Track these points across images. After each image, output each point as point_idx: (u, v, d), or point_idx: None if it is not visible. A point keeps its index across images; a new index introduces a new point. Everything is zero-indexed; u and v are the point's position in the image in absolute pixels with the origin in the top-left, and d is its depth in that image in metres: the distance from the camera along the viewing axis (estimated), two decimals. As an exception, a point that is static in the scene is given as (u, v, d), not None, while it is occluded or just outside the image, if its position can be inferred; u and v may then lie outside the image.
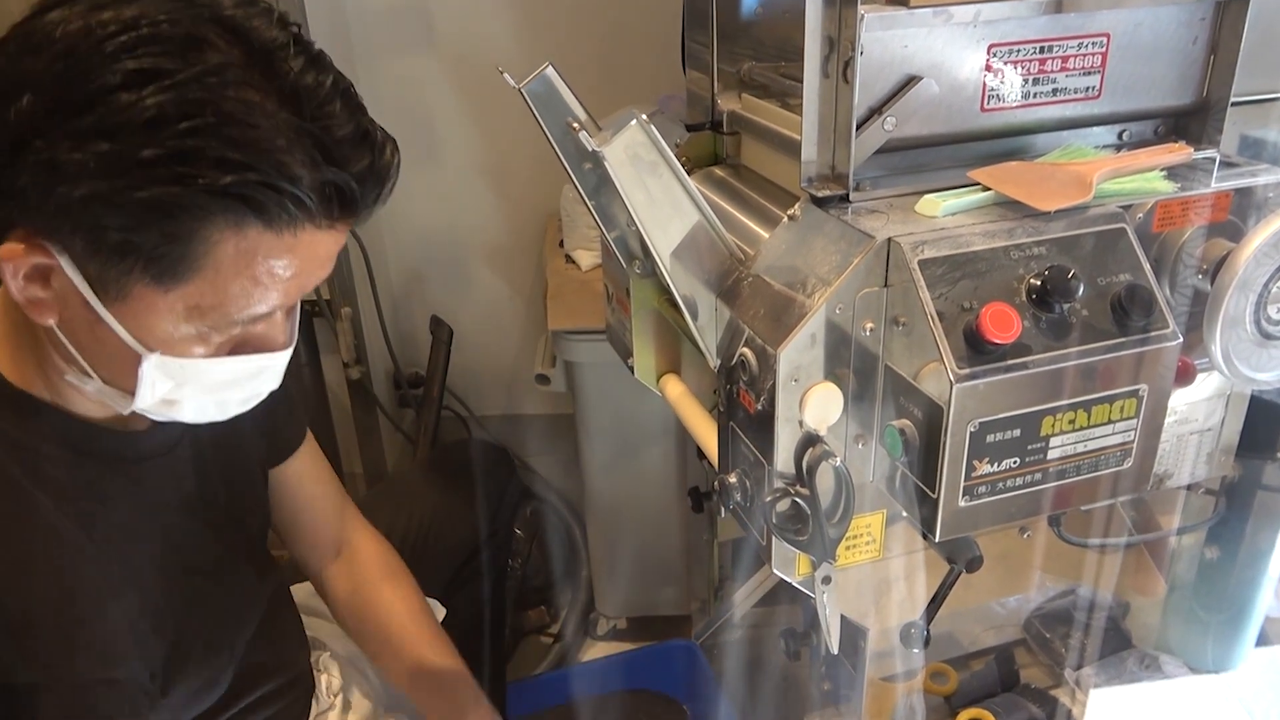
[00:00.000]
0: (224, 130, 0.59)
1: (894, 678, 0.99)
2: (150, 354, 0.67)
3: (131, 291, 0.64)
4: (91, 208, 0.60)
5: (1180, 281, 0.76)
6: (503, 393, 2.11)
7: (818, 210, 0.74)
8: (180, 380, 0.69)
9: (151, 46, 0.59)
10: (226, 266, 0.63)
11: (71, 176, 0.59)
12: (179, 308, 0.65)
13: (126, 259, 0.62)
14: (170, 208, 0.60)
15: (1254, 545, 0.97)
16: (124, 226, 0.60)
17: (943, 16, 0.70)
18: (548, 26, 1.76)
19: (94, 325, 0.66)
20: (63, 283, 0.64)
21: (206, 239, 0.62)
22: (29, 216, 0.62)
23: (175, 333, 0.67)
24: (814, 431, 0.70)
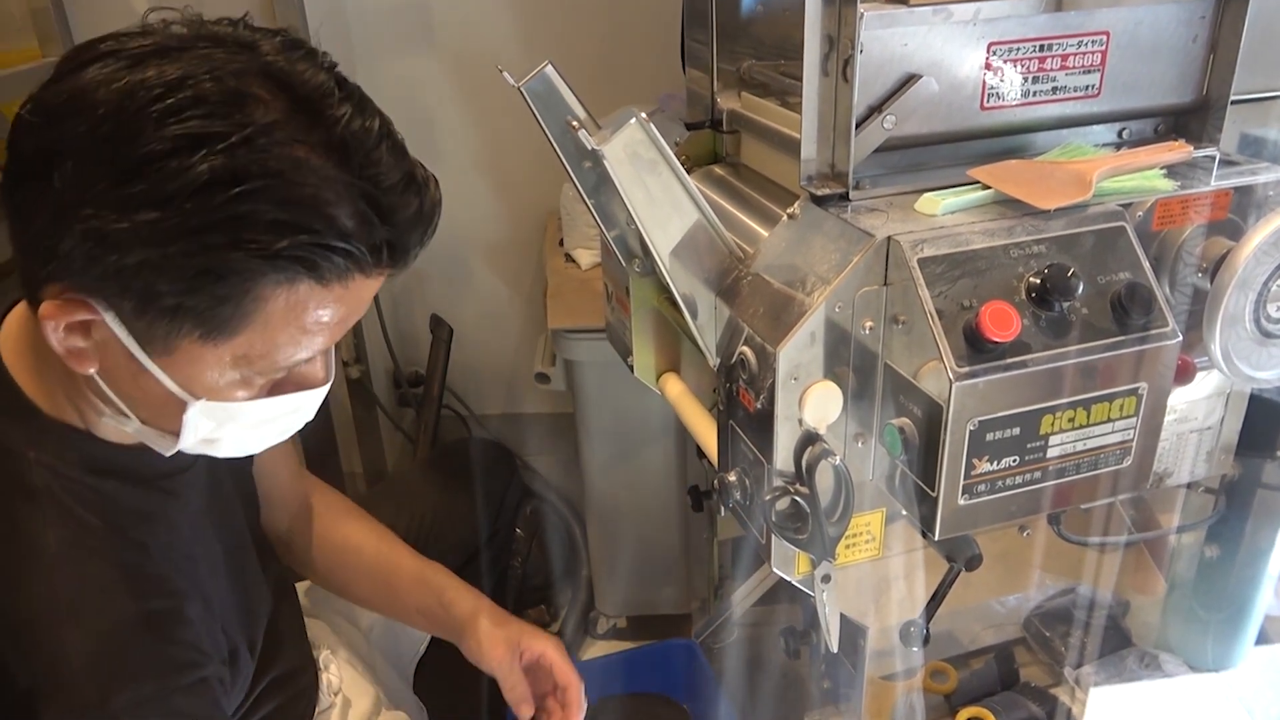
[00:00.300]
0: (275, 192, 0.58)
1: (894, 676, 0.99)
2: (195, 401, 0.67)
3: (179, 346, 0.64)
4: (142, 274, 0.59)
5: (1180, 280, 0.76)
6: (502, 392, 2.11)
7: (817, 209, 0.74)
8: (222, 421, 0.70)
9: (197, 109, 0.58)
10: (276, 320, 0.63)
11: (121, 245, 0.58)
12: (226, 358, 0.65)
13: (177, 319, 0.62)
14: (224, 271, 0.59)
15: (1254, 544, 0.97)
16: (176, 291, 0.60)
17: (942, 15, 0.70)
18: (547, 25, 1.76)
19: (137, 375, 0.66)
20: (104, 335, 0.64)
21: (259, 296, 0.61)
22: (72, 276, 0.61)
23: (220, 380, 0.67)
24: (813, 430, 0.70)
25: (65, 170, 0.58)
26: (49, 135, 0.59)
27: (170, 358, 0.64)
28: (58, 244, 0.59)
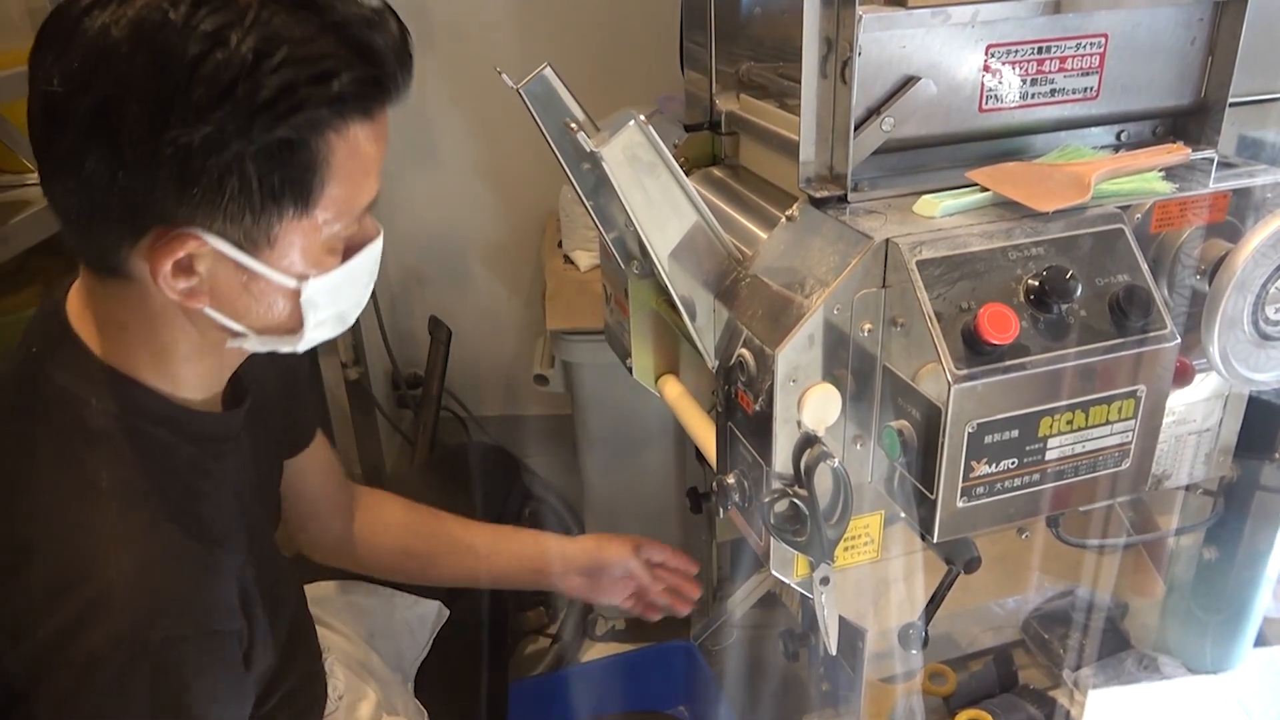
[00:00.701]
0: (299, 51, 0.63)
1: (892, 678, 0.99)
2: (306, 283, 0.72)
3: (277, 235, 0.68)
4: (234, 171, 0.63)
5: (1178, 282, 0.76)
6: (501, 393, 2.11)
7: (816, 211, 0.74)
8: (330, 293, 0.74)
9: (203, 8, 0.62)
10: (342, 168, 0.68)
11: (210, 150, 0.62)
12: (318, 223, 0.70)
13: (277, 203, 0.67)
14: (297, 135, 0.65)
15: (1252, 546, 0.97)
16: (267, 173, 0.65)
17: (941, 17, 0.70)
18: (546, 27, 1.76)
19: (247, 285, 0.71)
20: (210, 262, 0.68)
21: (327, 150, 0.67)
22: (167, 213, 0.65)
23: (316, 252, 0.71)
24: (812, 432, 0.70)
25: (130, 112, 0.61)
26: (95, 94, 0.62)
27: (272, 250, 0.69)
28: (150, 185, 0.63)
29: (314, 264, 0.72)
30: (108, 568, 0.69)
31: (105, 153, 0.63)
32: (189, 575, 0.73)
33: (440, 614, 1.23)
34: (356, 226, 0.74)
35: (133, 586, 0.69)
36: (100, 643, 0.67)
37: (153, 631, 0.68)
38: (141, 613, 0.68)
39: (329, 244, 0.72)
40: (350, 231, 0.74)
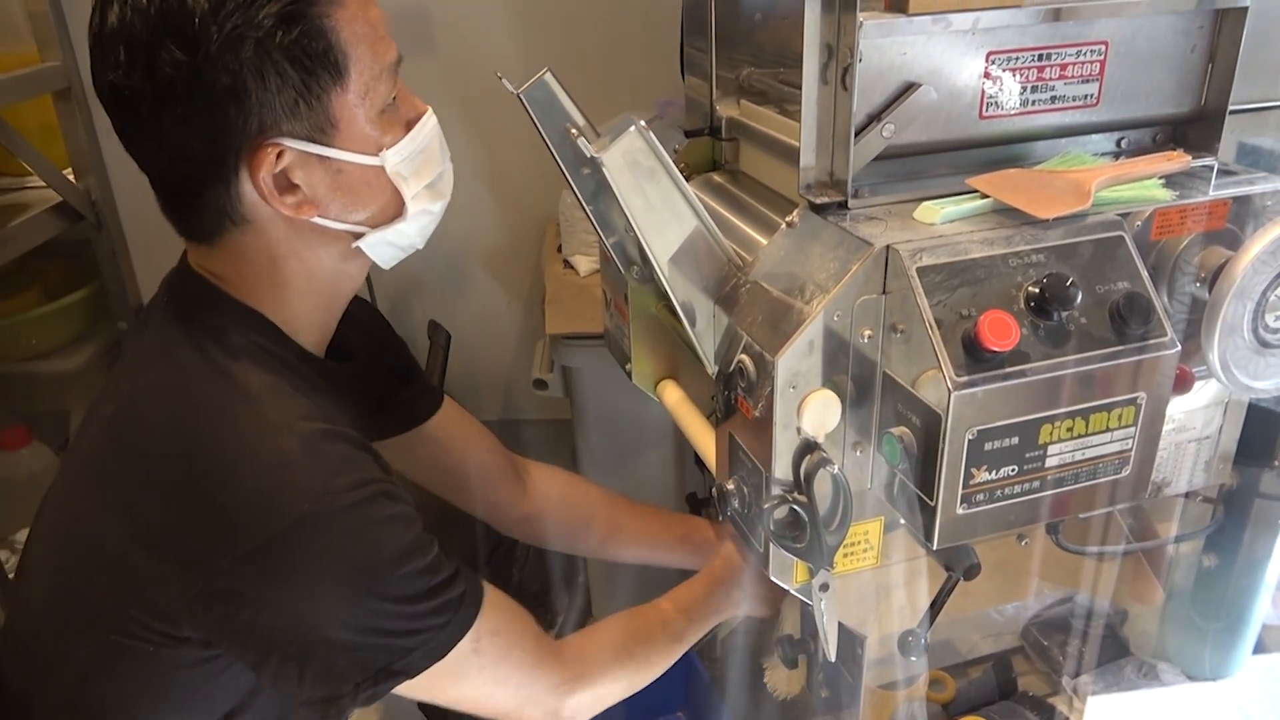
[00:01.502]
0: None
1: (892, 685, 0.99)
2: (385, 154, 0.80)
3: (333, 111, 0.76)
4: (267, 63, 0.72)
5: (1178, 289, 0.76)
6: (500, 398, 2.11)
7: (816, 217, 0.74)
8: (413, 161, 0.83)
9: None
10: (351, 34, 0.76)
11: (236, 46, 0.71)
12: (362, 91, 0.77)
13: (311, 83, 0.74)
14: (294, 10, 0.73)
15: (1251, 553, 0.97)
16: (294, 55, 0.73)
17: (941, 24, 0.70)
18: (546, 32, 1.76)
19: (339, 178, 0.79)
20: (298, 168, 0.77)
21: (330, 20, 0.75)
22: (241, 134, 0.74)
23: (376, 123, 0.79)
24: (812, 439, 0.70)
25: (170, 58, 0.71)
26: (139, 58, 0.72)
27: (341, 131, 0.77)
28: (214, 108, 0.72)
29: (385, 135, 0.80)
30: (278, 445, 0.74)
31: (171, 104, 0.72)
32: (345, 448, 0.78)
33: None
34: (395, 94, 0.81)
35: (304, 455, 0.74)
36: (293, 507, 0.72)
37: (335, 482, 0.73)
38: (322, 473, 0.74)
39: (386, 116, 0.80)
40: (392, 96, 0.81)
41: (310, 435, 0.76)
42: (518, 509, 1.21)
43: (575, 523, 1.24)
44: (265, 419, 0.76)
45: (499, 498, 1.20)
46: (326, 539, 0.73)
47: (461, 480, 1.17)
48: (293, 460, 0.74)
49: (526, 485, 1.22)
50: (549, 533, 1.23)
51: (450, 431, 1.15)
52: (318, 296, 0.85)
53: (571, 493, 1.25)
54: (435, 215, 0.89)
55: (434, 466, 1.15)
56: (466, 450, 1.17)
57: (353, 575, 0.74)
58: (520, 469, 1.23)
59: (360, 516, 0.74)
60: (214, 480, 0.74)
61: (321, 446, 0.76)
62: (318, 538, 0.73)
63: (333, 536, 0.73)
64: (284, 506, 0.72)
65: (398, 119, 0.82)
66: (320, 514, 0.72)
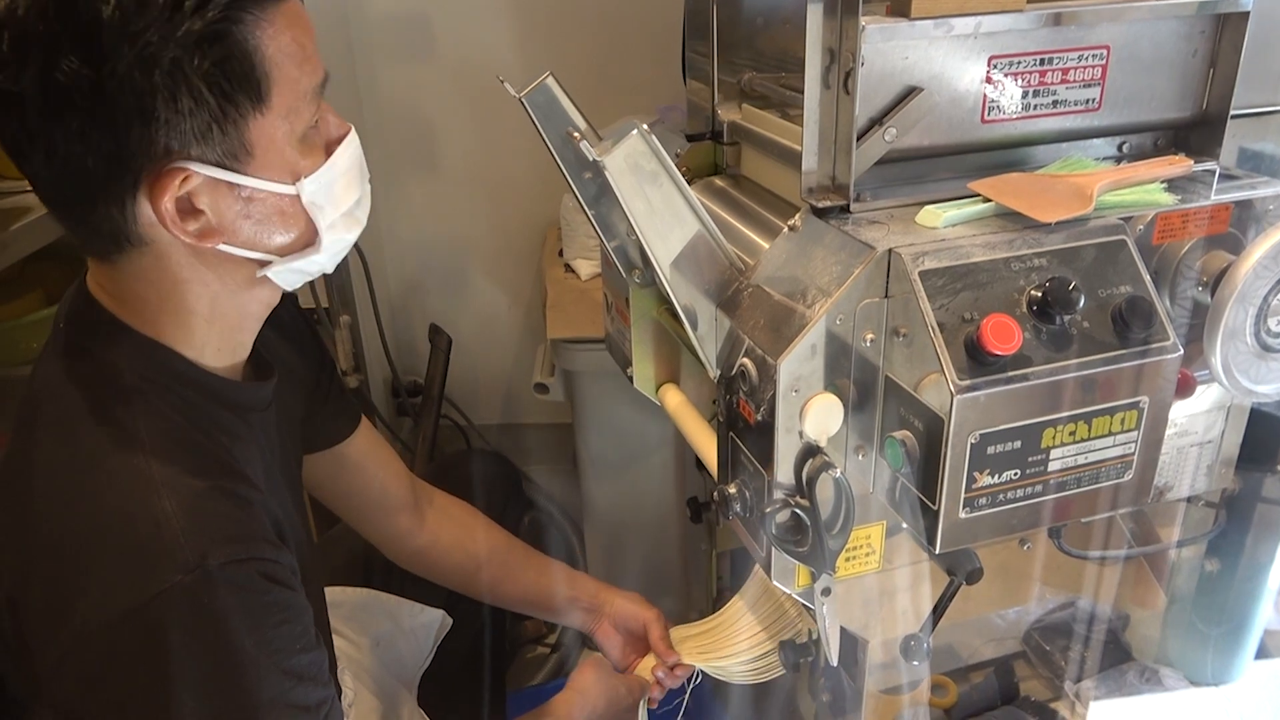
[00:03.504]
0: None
1: (894, 690, 0.98)
2: (301, 183, 0.74)
3: (249, 137, 0.70)
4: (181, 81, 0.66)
5: (1180, 293, 0.76)
6: (501, 402, 2.11)
7: (818, 221, 0.74)
8: (328, 188, 0.76)
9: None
10: (277, 55, 0.70)
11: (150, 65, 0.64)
12: (283, 115, 0.71)
13: (228, 108, 0.68)
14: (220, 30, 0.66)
15: (1254, 558, 0.97)
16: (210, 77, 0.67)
17: (944, 28, 0.70)
18: (548, 36, 1.76)
19: (249, 206, 0.72)
20: (204, 193, 0.70)
21: (254, 39, 0.68)
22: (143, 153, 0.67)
23: (295, 150, 0.73)
24: (814, 442, 0.70)
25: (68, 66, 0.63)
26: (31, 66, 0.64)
27: (254, 158, 0.71)
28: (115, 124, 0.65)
29: (302, 161, 0.74)
30: (156, 511, 0.69)
31: (67, 117, 0.65)
32: (231, 513, 0.73)
33: (444, 623, 1.23)
34: (318, 117, 0.76)
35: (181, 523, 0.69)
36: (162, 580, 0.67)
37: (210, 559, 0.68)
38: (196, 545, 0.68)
39: (305, 141, 0.74)
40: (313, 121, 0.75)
41: (195, 495, 0.70)
42: (412, 542, 1.16)
43: (465, 564, 1.19)
44: (147, 475, 0.70)
45: (395, 529, 1.15)
46: (194, 616, 0.67)
47: (361, 505, 1.12)
48: (169, 524, 0.68)
49: (425, 518, 1.17)
50: (439, 570, 1.19)
51: (362, 452, 1.10)
52: (225, 321, 0.78)
53: (465, 534, 1.20)
54: (349, 243, 0.81)
55: (337, 488, 1.10)
56: (372, 475, 1.11)
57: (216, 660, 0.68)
58: (423, 500, 1.18)
59: (234, 597, 0.69)
60: (84, 540, 0.69)
61: (206, 508, 0.71)
62: (187, 613, 0.67)
63: (201, 614, 0.67)
64: (156, 574, 0.66)
65: (318, 142, 0.76)
66: (192, 587, 0.67)
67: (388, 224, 1.92)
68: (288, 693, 0.71)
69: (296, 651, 0.72)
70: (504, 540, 1.22)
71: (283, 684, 0.71)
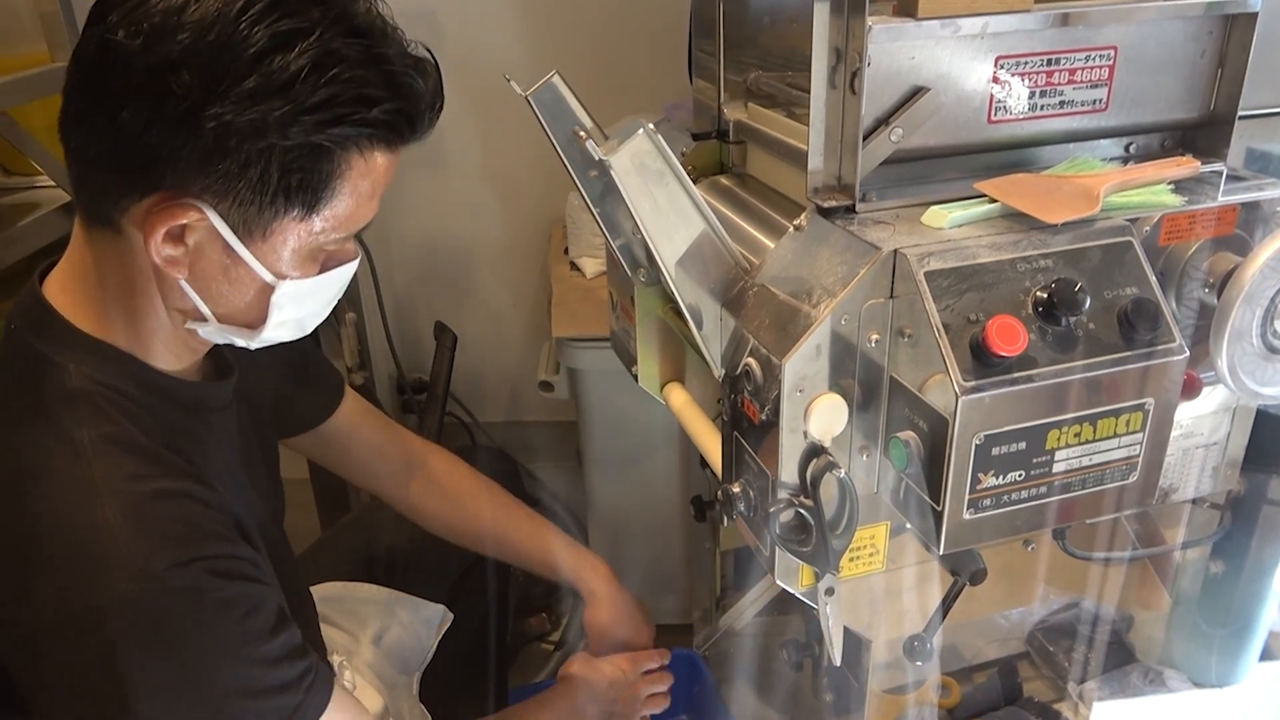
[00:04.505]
0: (354, 70, 0.68)
1: (897, 690, 0.98)
2: (281, 283, 0.75)
3: (275, 228, 0.72)
4: (260, 162, 0.67)
5: (1186, 295, 0.76)
6: (506, 399, 2.11)
7: (824, 221, 0.74)
8: (299, 300, 0.77)
9: (278, 11, 0.66)
10: (352, 185, 0.72)
11: (247, 135, 0.66)
12: (314, 229, 0.73)
13: (288, 201, 0.70)
14: (329, 147, 0.69)
15: (1259, 560, 0.97)
16: (288, 170, 0.69)
17: (950, 28, 0.70)
18: (554, 34, 1.76)
19: (228, 269, 0.73)
20: (200, 237, 0.71)
21: (349, 164, 0.71)
22: (183, 180, 0.68)
23: (301, 256, 0.74)
24: (818, 442, 0.70)
25: (182, 80, 0.65)
26: (152, 55, 0.65)
27: (265, 242, 0.72)
28: (179, 149, 0.66)
29: (295, 266, 0.75)
30: (99, 518, 0.69)
31: (146, 108, 0.66)
32: (180, 511, 0.72)
33: (445, 617, 1.23)
34: (342, 244, 0.77)
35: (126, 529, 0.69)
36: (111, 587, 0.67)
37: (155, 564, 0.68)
38: (142, 551, 0.68)
39: (315, 252, 0.75)
40: (337, 246, 0.77)
41: (138, 500, 0.70)
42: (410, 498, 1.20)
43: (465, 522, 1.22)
44: (88, 483, 0.69)
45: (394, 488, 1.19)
46: (145, 623, 0.67)
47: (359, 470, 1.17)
48: (111, 531, 0.68)
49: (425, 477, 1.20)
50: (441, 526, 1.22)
51: (351, 424, 1.13)
52: (169, 336, 0.78)
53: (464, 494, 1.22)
54: (282, 339, 0.81)
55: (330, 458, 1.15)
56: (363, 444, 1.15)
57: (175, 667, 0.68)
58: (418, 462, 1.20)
59: (184, 599, 0.68)
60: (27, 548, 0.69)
61: (151, 513, 0.70)
62: (136, 621, 0.66)
63: (152, 621, 0.67)
64: (99, 583, 0.66)
65: (319, 256, 0.77)
66: (140, 596, 0.66)
67: (393, 222, 1.93)
68: (261, 678, 0.72)
69: (266, 638, 0.73)
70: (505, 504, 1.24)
71: (253, 672, 0.72)
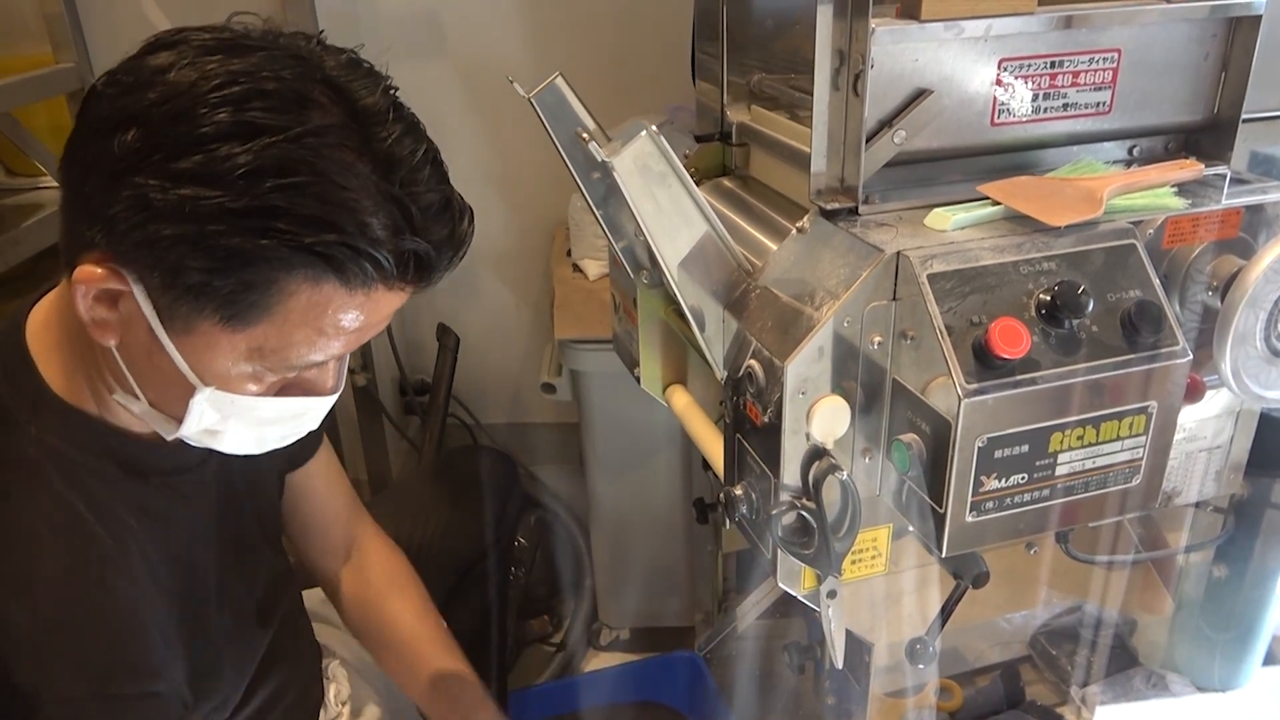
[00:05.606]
0: (316, 189, 0.61)
1: (899, 693, 0.98)
2: (204, 388, 0.68)
3: (198, 328, 0.65)
4: (177, 248, 0.61)
5: (1190, 298, 0.76)
6: (508, 401, 2.11)
7: (826, 223, 0.74)
8: (227, 414, 0.71)
9: (258, 102, 0.60)
10: (296, 316, 0.65)
11: (163, 215, 0.60)
12: (241, 348, 0.66)
13: (200, 299, 0.63)
14: (253, 257, 0.61)
15: (1262, 564, 0.97)
16: (205, 269, 0.62)
17: (954, 30, 0.70)
18: (558, 36, 1.76)
19: (153, 353, 0.67)
20: (130, 309, 0.66)
21: (283, 289, 0.63)
22: (112, 242, 0.63)
23: (232, 370, 0.68)
24: (821, 445, 0.70)
25: (125, 137, 0.61)
26: (118, 103, 0.62)
27: (189, 338, 0.66)
28: (106, 207, 0.62)
29: (223, 380, 0.68)
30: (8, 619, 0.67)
31: (96, 155, 0.62)
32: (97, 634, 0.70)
33: (444, 621, 1.23)
34: (294, 374, 0.71)
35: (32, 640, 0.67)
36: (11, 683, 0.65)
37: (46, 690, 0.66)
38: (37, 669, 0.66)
39: (253, 373, 0.69)
40: (285, 376, 0.70)
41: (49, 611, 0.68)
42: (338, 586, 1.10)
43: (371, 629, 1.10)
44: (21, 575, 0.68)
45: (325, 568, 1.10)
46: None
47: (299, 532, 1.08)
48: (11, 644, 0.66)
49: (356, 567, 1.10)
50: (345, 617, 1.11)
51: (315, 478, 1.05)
52: None
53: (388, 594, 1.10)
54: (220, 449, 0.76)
55: None
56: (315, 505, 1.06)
57: None
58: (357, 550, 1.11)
59: None
60: None
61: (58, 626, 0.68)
62: None
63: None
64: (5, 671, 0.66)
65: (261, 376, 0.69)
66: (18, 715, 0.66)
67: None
68: None
69: None
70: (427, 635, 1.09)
71: None
